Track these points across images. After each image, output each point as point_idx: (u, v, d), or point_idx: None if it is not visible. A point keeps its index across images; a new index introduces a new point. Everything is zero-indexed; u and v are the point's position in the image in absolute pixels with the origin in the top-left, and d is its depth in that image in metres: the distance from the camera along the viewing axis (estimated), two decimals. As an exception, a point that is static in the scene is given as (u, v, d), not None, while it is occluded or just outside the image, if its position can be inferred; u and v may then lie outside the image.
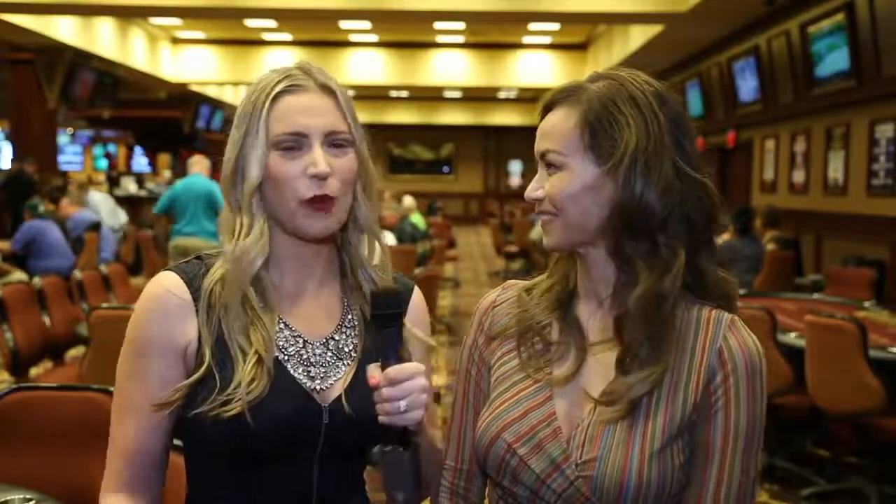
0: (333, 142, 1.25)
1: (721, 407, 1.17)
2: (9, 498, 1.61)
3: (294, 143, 1.24)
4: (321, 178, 1.22)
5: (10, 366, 4.50)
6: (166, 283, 1.26)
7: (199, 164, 7.35)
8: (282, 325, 1.28)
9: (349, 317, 1.32)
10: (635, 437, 1.16)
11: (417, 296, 1.40)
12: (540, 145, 1.25)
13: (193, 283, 1.26)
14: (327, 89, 1.27)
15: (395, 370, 1.15)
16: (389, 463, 1.14)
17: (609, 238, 1.22)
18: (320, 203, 1.23)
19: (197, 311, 1.24)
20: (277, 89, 1.25)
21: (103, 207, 10.50)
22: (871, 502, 4.00)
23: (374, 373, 1.16)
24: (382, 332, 1.19)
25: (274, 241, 1.28)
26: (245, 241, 1.25)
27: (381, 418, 1.15)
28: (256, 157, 1.24)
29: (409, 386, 1.14)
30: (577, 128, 1.21)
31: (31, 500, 1.62)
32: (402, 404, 1.13)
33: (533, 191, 1.24)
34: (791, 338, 4.28)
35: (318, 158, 1.22)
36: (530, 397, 1.25)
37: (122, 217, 10.88)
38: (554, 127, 1.23)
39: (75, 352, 5.45)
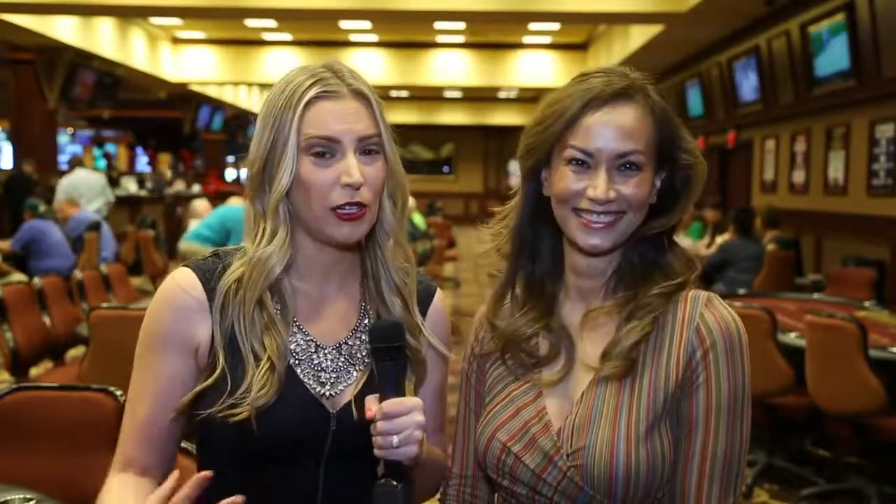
0: (365, 148, 1.23)
1: (702, 382, 1.18)
2: (9, 498, 1.61)
3: (326, 149, 1.21)
4: (355, 187, 1.21)
5: (10, 366, 4.49)
6: (182, 282, 1.26)
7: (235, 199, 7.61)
8: (295, 329, 1.27)
9: (365, 321, 1.31)
10: (620, 421, 1.18)
11: (438, 300, 1.38)
12: (619, 145, 1.20)
13: (209, 283, 1.25)
14: (360, 94, 1.24)
15: (390, 404, 1.14)
16: (381, 495, 1.14)
17: (635, 236, 1.26)
18: (351, 212, 1.22)
19: (211, 311, 1.24)
20: (310, 94, 1.22)
21: (88, 184, 10.41)
22: (871, 502, 4.00)
23: (370, 405, 1.16)
24: (380, 365, 1.18)
25: (296, 245, 1.27)
26: (267, 248, 1.24)
27: (375, 451, 1.14)
28: (286, 162, 1.21)
29: (404, 421, 1.13)
30: (654, 129, 1.23)
31: (31, 500, 1.62)
32: (395, 440, 1.13)
33: (605, 192, 1.19)
34: (791, 338, 4.28)
35: (353, 167, 1.21)
36: (521, 396, 1.27)
37: (98, 201, 10.49)
38: (636, 127, 1.21)
39: (75, 352, 5.45)
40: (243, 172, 1.32)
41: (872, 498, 4.00)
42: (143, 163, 23.55)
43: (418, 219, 10.15)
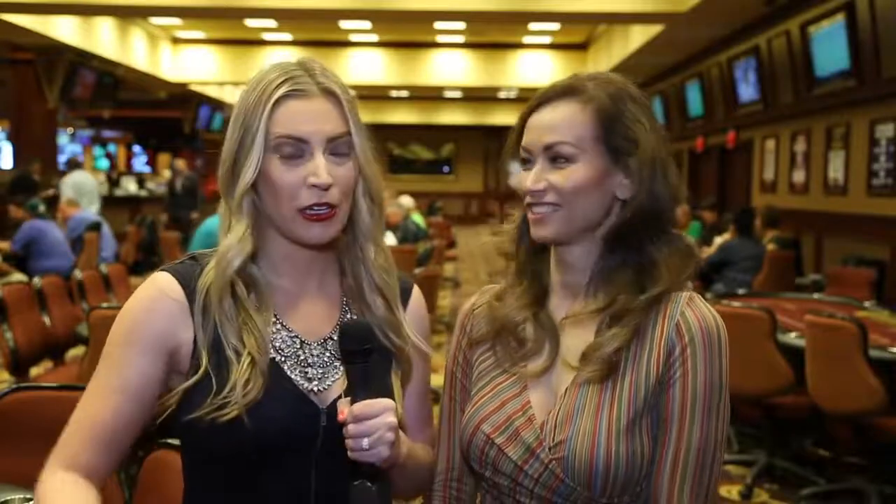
0: (335, 149, 1.23)
1: (679, 377, 1.20)
2: (9, 498, 1.61)
3: (295, 150, 1.21)
4: (322, 188, 1.21)
5: (10, 366, 4.49)
6: (161, 284, 1.24)
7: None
8: (279, 326, 1.26)
9: (347, 317, 1.31)
10: (602, 415, 1.20)
11: (416, 296, 1.39)
12: (545, 138, 1.25)
13: (189, 285, 1.24)
14: (330, 93, 1.24)
15: (359, 407, 1.14)
16: (357, 496, 1.15)
17: (607, 229, 1.27)
18: (319, 213, 1.22)
19: (192, 313, 1.23)
20: (279, 93, 1.21)
21: (90, 186, 10.47)
22: (871, 502, 4.00)
23: (342, 408, 1.16)
24: (350, 368, 1.18)
25: (270, 243, 1.27)
26: (225, 242, 1.24)
27: (348, 453, 1.15)
28: (252, 159, 1.21)
29: (374, 424, 1.13)
30: (590, 122, 1.24)
31: (31, 500, 1.61)
32: (366, 442, 1.13)
33: (535, 183, 1.25)
34: (791, 338, 4.28)
35: (320, 168, 1.20)
36: (506, 390, 1.30)
37: (97, 202, 10.77)
38: (564, 120, 1.25)
39: (75, 352, 5.45)
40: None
41: (872, 498, 4.00)
42: (141, 162, 23.53)
43: (418, 219, 10.15)
